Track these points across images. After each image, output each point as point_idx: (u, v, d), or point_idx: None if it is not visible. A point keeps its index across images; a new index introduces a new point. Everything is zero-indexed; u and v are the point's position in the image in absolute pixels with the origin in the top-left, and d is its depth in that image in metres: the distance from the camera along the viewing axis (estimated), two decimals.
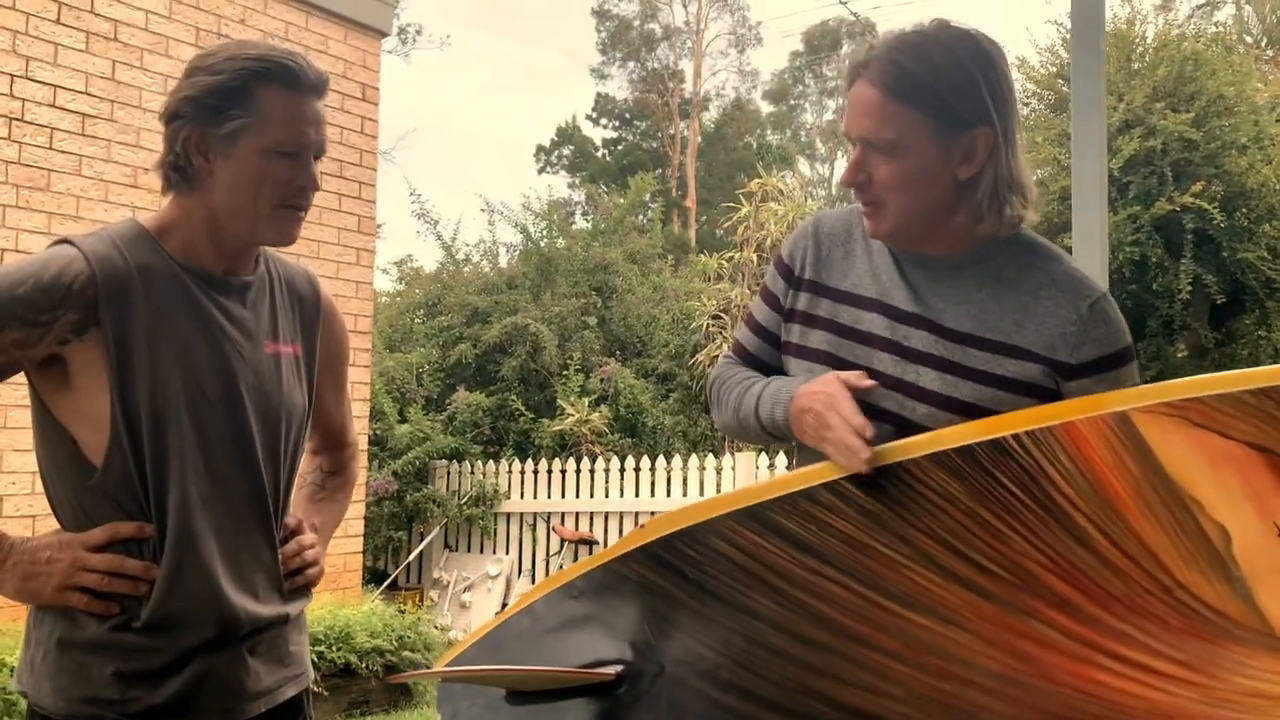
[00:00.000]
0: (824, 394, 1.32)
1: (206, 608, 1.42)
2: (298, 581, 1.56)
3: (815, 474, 1.18)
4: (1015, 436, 1.08)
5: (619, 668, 1.35)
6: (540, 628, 1.39)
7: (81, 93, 5.11)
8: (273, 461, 1.51)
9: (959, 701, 1.16)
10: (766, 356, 1.58)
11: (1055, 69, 5.34)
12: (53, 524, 1.47)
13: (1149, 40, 5.16)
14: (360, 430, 6.42)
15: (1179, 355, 4.87)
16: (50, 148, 4.99)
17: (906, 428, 1.33)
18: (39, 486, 1.46)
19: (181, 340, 1.43)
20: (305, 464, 1.75)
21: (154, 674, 1.40)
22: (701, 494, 7.26)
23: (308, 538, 1.59)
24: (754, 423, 1.45)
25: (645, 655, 1.32)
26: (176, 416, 1.40)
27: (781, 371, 1.56)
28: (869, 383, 1.34)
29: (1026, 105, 5.55)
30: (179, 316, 1.43)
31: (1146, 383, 4.00)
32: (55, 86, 5.01)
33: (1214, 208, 4.64)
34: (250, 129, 1.40)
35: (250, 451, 1.47)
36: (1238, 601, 1.01)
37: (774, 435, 1.44)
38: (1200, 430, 0.97)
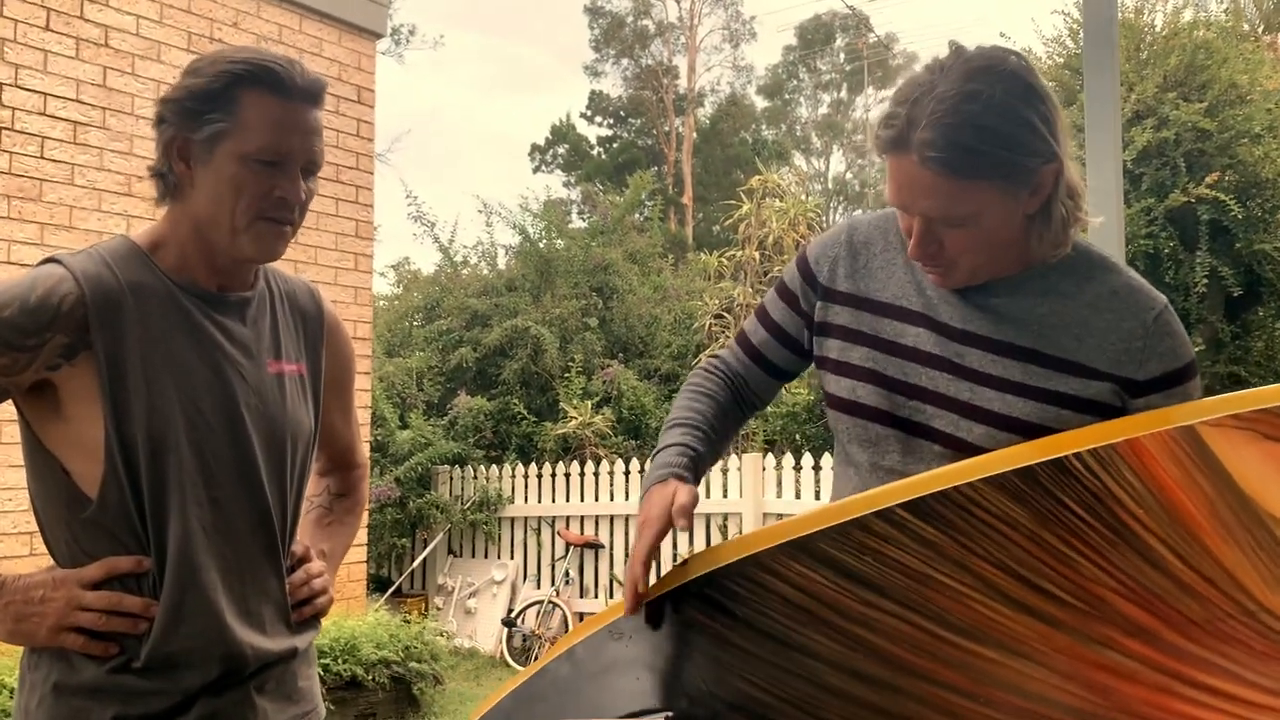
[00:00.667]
0: (645, 517, 1.28)
1: (210, 645, 1.34)
2: (306, 612, 1.48)
3: (867, 501, 1.09)
4: (1078, 456, 1.01)
5: (669, 715, 1.27)
6: (582, 673, 1.30)
7: (72, 100, 5.01)
8: (279, 486, 1.43)
9: None
10: (771, 353, 1.50)
11: (1062, 60, 5.26)
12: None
13: (1158, 29, 5.08)
14: (363, 438, 6.33)
15: (1195, 349, 4.80)
16: (41, 156, 4.90)
17: (963, 449, 1.26)
18: None
19: (178, 361, 1.35)
20: (312, 486, 1.67)
21: (157, 717, 1.32)
22: (707, 496, 7.18)
23: (316, 566, 1.51)
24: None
25: (696, 700, 1.23)
26: (175, 443, 1.33)
27: (785, 371, 1.51)
28: (682, 522, 1.26)
29: None
30: (175, 336, 1.36)
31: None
32: (45, 94, 4.91)
33: (1229, 198, 4.57)
34: (229, 134, 1.33)
35: (254, 477, 1.40)
36: None
37: None
38: (1273, 443, 0.91)
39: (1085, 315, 1.31)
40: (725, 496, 7.22)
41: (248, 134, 1.33)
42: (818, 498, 6.77)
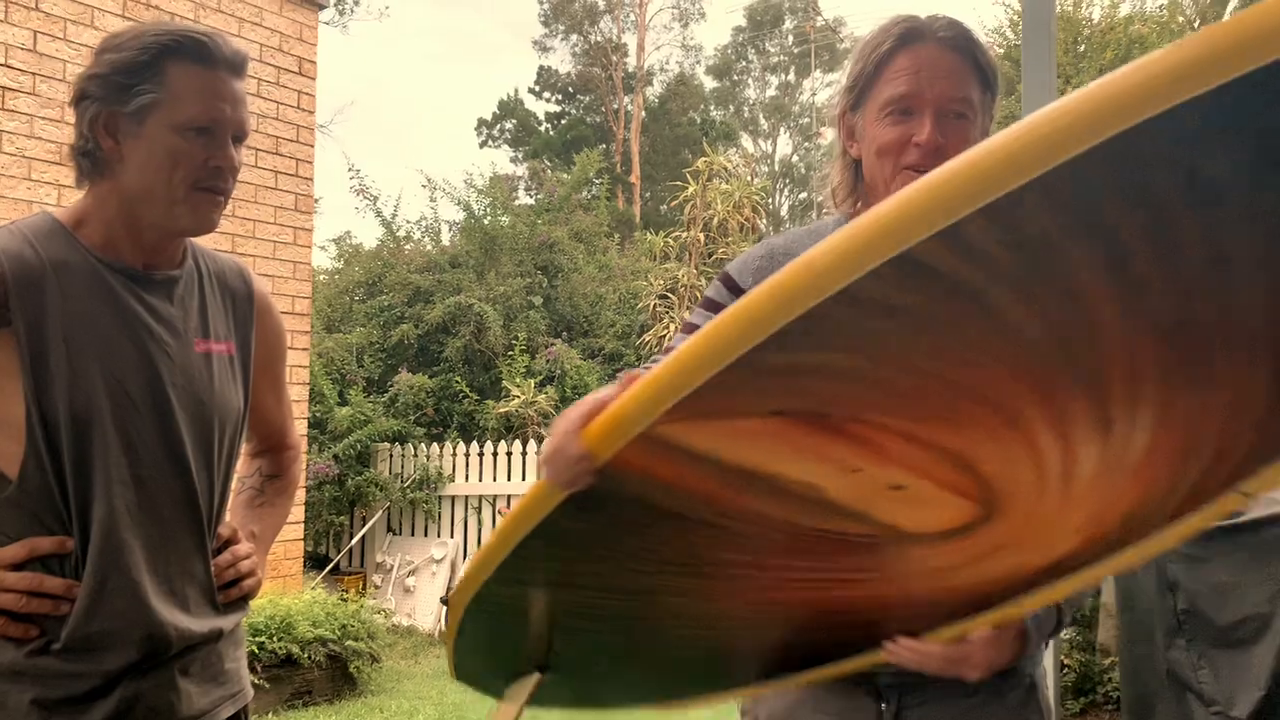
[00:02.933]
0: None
1: (133, 626, 1.33)
2: (233, 594, 1.47)
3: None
4: (588, 492, 0.99)
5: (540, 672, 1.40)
6: None
7: (1, 64, 4.87)
8: (206, 467, 1.42)
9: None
10: None
11: (1003, 50, 5.34)
12: None
13: (1096, 22, 5.18)
14: (299, 414, 6.26)
15: None
16: None
17: None
18: None
19: (102, 339, 1.33)
20: (243, 467, 1.66)
21: (77, 700, 1.30)
22: None
23: (243, 547, 1.50)
24: None
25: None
26: (100, 421, 1.31)
27: None
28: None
29: None
30: (99, 314, 1.34)
31: None
32: None
33: None
34: (160, 105, 1.32)
35: (181, 457, 1.38)
36: (867, 524, 1.04)
37: None
38: (719, 421, 0.90)
39: None
40: None
41: (179, 104, 1.32)
42: None
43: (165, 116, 1.32)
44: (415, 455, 8.34)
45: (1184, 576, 3.14)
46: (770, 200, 14.66)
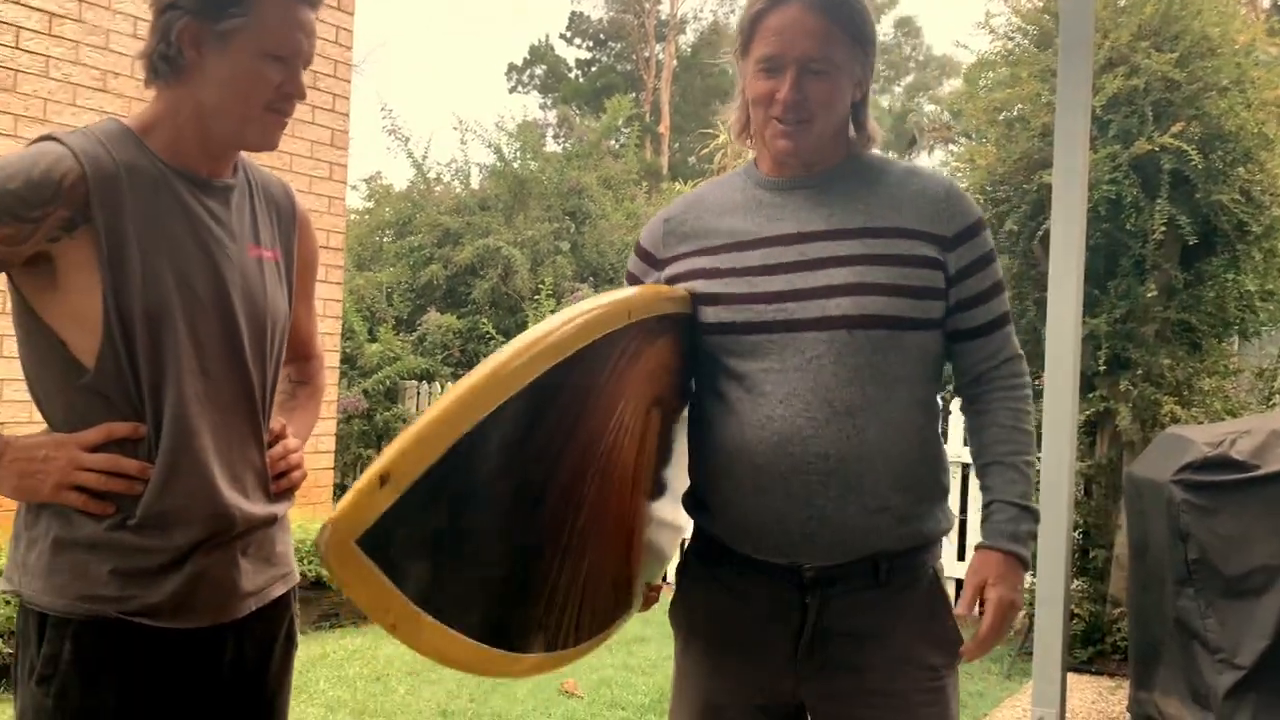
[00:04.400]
0: None
1: (201, 505, 1.43)
2: (283, 485, 1.57)
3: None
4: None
5: None
6: None
7: None
8: (260, 364, 1.52)
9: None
10: None
11: (1041, 3, 5.29)
12: None
13: None
14: (332, 348, 6.38)
15: (1149, 295, 4.92)
16: (16, 47, 4.83)
17: (833, 324, 1.49)
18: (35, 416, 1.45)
19: (172, 241, 1.42)
20: None
21: (151, 572, 1.41)
22: None
23: (292, 441, 1.61)
24: None
25: None
26: (170, 316, 1.40)
27: None
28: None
29: (1011, 39, 5.49)
30: (168, 217, 1.42)
31: (1119, 318, 4.04)
32: None
33: (1192, 149, 4.66)
34: (248, 29, 1.40)
35: (240, 352, 1.48)
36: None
37: None
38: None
39: (894, 190, 1.57)
40: None
41: (266, 32, 1.41)
42: None
43: (251, 41, 1.41)
44: (442, 393, 8.47)
45: (1195, 527, 3.20)
46: None
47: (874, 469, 1.47)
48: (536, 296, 9.23)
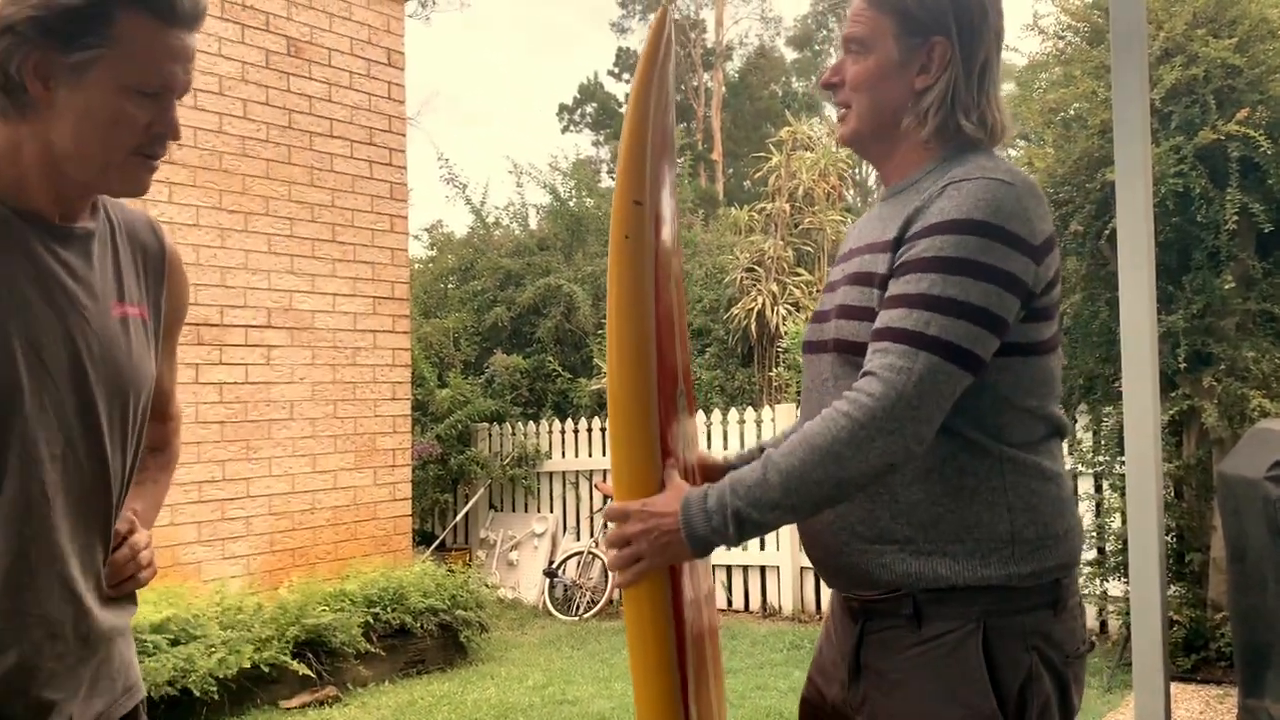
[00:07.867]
0: None
1: (55, 618, 1.21)
2: (126, 587, 1.33)
3: None
4: None
5: None
6: None
7: None
8: (120, 445, 1.28)
9: None
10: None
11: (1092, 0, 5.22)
12: None
13: None
14: (403, 396, 6.48)
15: (1226, 287, 4.77)
16: None
17: (840, 349, 1.44)
18: None
19: (19, 301, 1.18)
20: None
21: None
22: (742, 446, 7.27)
23: (141, 537, 1.35)
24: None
25: None
26: (19, 395, 1.17)
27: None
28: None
29: (1062, 39, 5.41)
30: (14, 271, 1.19)
31: (1196, 313, 3.95)
32: None
33: (1260, 134, 4.53)
34: (107, 61, 1.17)
35: (97, 433, 1.25)
36: None
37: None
38: None
39: (915, 199, 1.38)
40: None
41: (129, 63, 1.18)
42: None
43: (112, 75, 1.18)
44: (513, 434, 8.55)
45: None
46: (857, 169, 14.48)
47: (868, 498, 1.38)
48: (600, 331, 9.28)
